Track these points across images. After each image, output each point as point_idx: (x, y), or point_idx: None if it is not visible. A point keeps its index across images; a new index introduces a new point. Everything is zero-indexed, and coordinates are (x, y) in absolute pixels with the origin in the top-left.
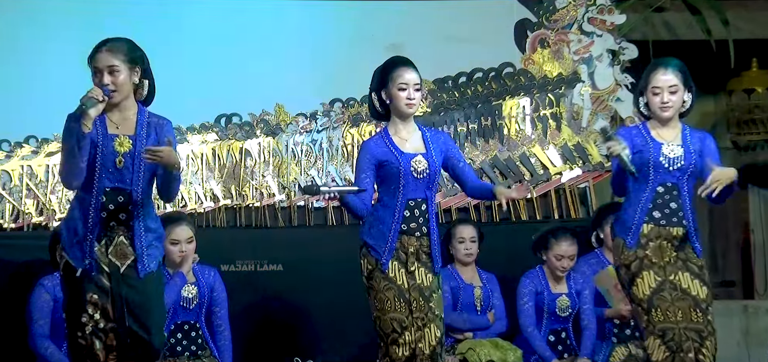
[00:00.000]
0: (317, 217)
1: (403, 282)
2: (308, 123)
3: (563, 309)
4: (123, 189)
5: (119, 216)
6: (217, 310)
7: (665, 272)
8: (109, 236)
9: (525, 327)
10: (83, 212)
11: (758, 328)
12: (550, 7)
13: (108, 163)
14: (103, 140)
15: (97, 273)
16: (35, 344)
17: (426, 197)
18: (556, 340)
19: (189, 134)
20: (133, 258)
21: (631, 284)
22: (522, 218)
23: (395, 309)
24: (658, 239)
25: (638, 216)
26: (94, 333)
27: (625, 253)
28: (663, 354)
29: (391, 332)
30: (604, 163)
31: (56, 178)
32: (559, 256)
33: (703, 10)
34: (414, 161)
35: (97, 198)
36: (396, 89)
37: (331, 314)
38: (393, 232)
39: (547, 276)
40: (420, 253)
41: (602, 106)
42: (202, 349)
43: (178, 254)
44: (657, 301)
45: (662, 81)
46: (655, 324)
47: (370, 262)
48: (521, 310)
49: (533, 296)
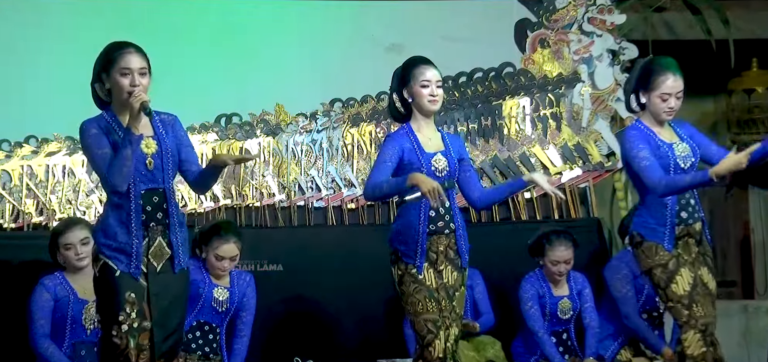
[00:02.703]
0: (317, 217)
1: (433, 282)
2: (308, 123)
3: (565, 312)
4: (157, 189)
5: (157, 216)
6: (243, 315)
7: (694, 268)
8: (151, 237)
9: (535, 331)
10: (122, 219)
11: (758, 328)
12: (550, 7)
13: (140, 166)
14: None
15: (139, 277)
16: (36, 344)
17: (448, 195)
18: (557, 342)
19: (189, 133)
20: (169, 256)
21: (670, 282)
22: (522, 218)
23: (428, 310)
24: (685, 236)
25: (670, 219)
26: (129, 331)
27: (660, 254)
28: (700, 348)
29: (426, 333)
30: (604, 163)
31: (56, 178)
32: (555, 261)
33: (703, 10)
34: (434, 159)
35: (136, 202)
36: (418, 86)
37: (331, 314)
38: (422, 234)
39: (547, 279)
40: (448, 250)
41: (602, 106)
42: (214, 353)
43: (219, 269)
44: (696, 296)
45: (672, 88)
46: (697, 318)
47: (400, 268)
48: (528, 315)
49: (536, 299)
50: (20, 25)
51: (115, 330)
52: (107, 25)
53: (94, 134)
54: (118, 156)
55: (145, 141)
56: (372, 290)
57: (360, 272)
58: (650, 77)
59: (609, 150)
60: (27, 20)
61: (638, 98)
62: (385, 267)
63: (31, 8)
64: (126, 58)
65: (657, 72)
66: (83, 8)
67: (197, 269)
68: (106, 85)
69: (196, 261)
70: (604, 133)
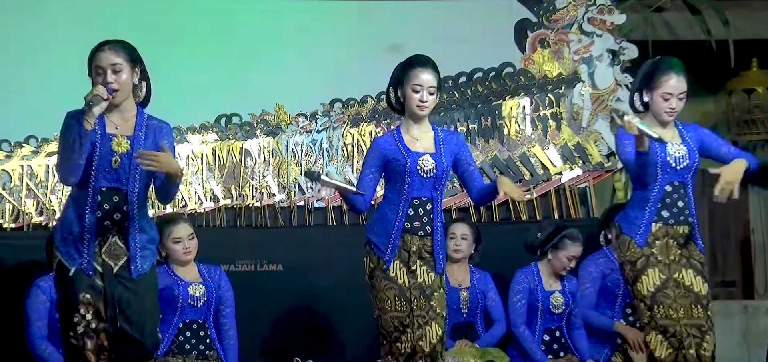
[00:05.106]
0: (317, 217)
1: (405, 281)
2: (308, 123)
3: (557, 306)
4: (118, 189)
5: (114, 216)
6: (223, 309)
7: (669, 269)
8: (104, 236)
9: (515, 325)
10: (78, 212)
11: (758, 328)
12: (550, 7)
13: (104, 162)
14: (101, 139)
15: (91, 273)
16: (33, 345)
17: (431, 197)
18: (551, 339)
19: (189, 134)
20: (126, 259)
21: (636, 280)
22: (522, 218)
23: (396, 309)
24: (665, 237)
25: (648, 215)
26: (86, 333)
27: (631, 250)
28: (666, 350)
29: (392, 331)
30: (604, 163)
31: (56, 178)
32: (570, 257)
33: (703, 10)
34: (421, 160)
35: (93, 198)
36: (410, 89)
37: (331, 314)
38: (396, 230)
39: (541, 273)
40: (422, 252)
41: (602, 106)
42: (210, 349)
43: (183, 252)
44: (660, 298)
45: (674, 88)
46: (656, 320)
47: (372, 260)
48: (513, 307)
49: (527, 293)
50: (20, 25)
51: (72, 331)
52: (107, 24)
53: (69, 123)
54: (64, 147)
55: (118, 139)
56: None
57: (360, 272)
58: (654, 76)
59: (609, 150)
60: (27, 20)
61: (641, 96)
62: None
63: (31, 8)
64: (98, 57)
65: (661, 71)
66: (83, 8)
67: (167, 274)
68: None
69: (165, 267)
70: (604, 133)
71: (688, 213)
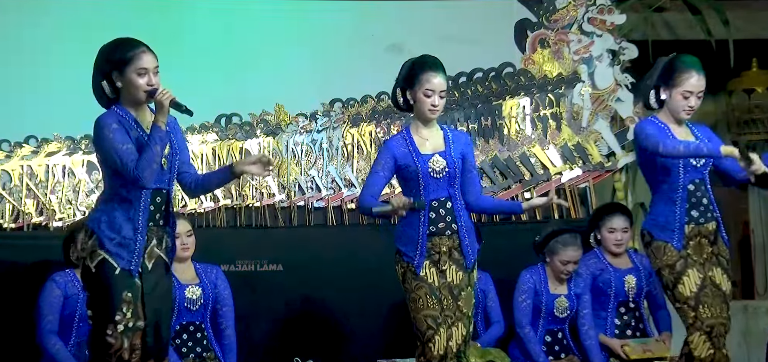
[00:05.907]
0: (317, 217)
1: (434, 281)
2: (308, 123)
3: (562, 310)
4: (161, 190)
5: (156, 217)
6: (221, 309)
7: (704, 269)
8: (149, 236)
9: (520, 325)
10: (129, 214)
11: (758, 328)
12: (550, 7)
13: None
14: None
15: (135, 273)
16: (43, 339)
17: (449, 195)
18: (552, 340)
19: (189, 134)
20: (162, 257)
21: (677, 283)
22: (522, 219)
23: (428, 306)
24: (697, 236)
25: (679, 217)
26: (124, 332)
27: (668, 254)
28: (707, 350)
29: (426, 329)
30: (604, 163)
31: (56, 178)
32: (565, 261)
33: (703, 10)
34: (431, 161)
35: (145, 200)
36: (421, 94)
37: (331, 314)
38: (422, 235)
39: (547, 275)
40: (452, 251)
41: (602, 106)
42: (207, 351)
43: (181, 248)
44: (703, 298)
45: (694, 86)
46: (703, 320)
47: (402, 266)
48: (518, 307)
49: (532, 294)
50: (20, 25)
51: (111, 329)
52: (107, 24)
53: (116, 128)
54: (148, 151)
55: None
56: (372, 290)
57: (360, 272)
58: (674, 73)
59: (609, 150)
60: (27, 20)
61: (658, 94)
62: (385, 267)
63: (31, 8)
64: (142, 58)
65: (681, 69)
66: (84, 8)
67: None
68: (117, 83)
69: None
70: (604, 133)
71: (712, 209)
